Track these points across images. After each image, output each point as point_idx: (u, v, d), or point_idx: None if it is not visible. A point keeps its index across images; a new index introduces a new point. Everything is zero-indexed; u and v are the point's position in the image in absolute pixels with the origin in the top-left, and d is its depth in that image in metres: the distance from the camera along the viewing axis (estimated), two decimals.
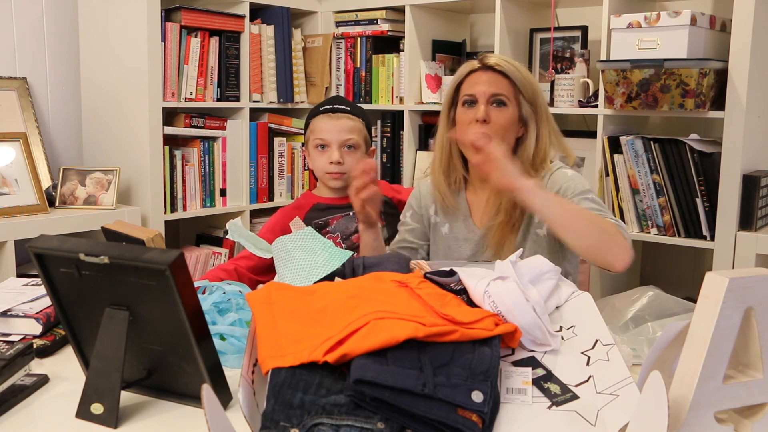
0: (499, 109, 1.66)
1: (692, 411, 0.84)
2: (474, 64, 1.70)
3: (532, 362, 1.08)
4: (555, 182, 1.67)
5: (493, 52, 2.69)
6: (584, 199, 1.60)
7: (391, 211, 1.94)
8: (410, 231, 1.85)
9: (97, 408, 1.06)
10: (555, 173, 1.69)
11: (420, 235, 1.85)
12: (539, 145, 1.69)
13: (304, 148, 1.96)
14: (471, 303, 1.16)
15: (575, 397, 1.01)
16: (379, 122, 3.07)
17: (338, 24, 3.13)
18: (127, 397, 1.13)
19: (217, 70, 2.80)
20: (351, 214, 1.87)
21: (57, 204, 2.51)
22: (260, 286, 1.25)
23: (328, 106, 1.93)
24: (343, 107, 1.92)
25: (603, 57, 2.37)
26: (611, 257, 1.46)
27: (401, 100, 2.96)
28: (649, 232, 2.34)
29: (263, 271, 1.80)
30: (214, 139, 2.82)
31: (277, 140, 3.03)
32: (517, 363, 1.08)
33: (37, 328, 1.34)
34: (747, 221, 2.20)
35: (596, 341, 1.10)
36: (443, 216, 1.81)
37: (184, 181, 2.73)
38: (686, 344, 0.87)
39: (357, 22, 3.06)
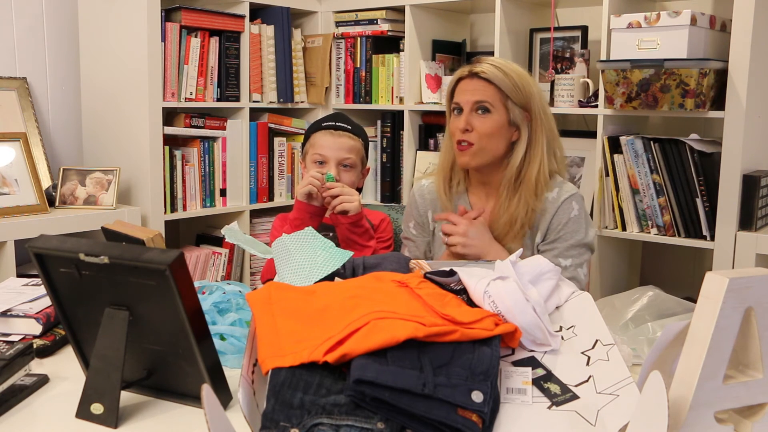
0: (483, 116, 1.68)
1: (692, 411, 0.84)
2: (464, 71, 1.73)
3: (532, 362, 1.08)
4: (563, 212, 1.68)
5: (492, 53, 2.68)
6: (562, 266, 1.65)
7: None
8: (417, 248, 1.86)
9: (97, 408, 1.06)
10: (569, 202, 1.69)
11: (426, 248, 1.86)
12: (532, 151, 1.70)
13: (302, 160, 1.97)
14: (471, 303, 1.16)
15: (575, 397, 1.01)
16: (379, 122, 3.07)
17: (338, 24, 3.13)
18: (127, 397, 1.14)
19: (217, 70, 2.80)
20: (331, 235, 1.86)
21: (57, 204, 2.51)
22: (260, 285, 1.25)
23: (331, 123, 1.93)
24: (345, 126, 1.92)
25: (603, 57, 2.37)
26: None
27: (401, 100, 2.96)
28: (649, 232, 2.34)
29: None
30: (214, 139, 2.82)
31: (277, 140, 3.03)
32: (517, 363, 1.08)
33: (37, 328, 1.34)
34: (747, 221, 2.20)
35: (596, 341, 1.10)
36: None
37: (184, 181, 2.73)
38: (686, 344, 0.87)
39: (357, 22, 3.06)
